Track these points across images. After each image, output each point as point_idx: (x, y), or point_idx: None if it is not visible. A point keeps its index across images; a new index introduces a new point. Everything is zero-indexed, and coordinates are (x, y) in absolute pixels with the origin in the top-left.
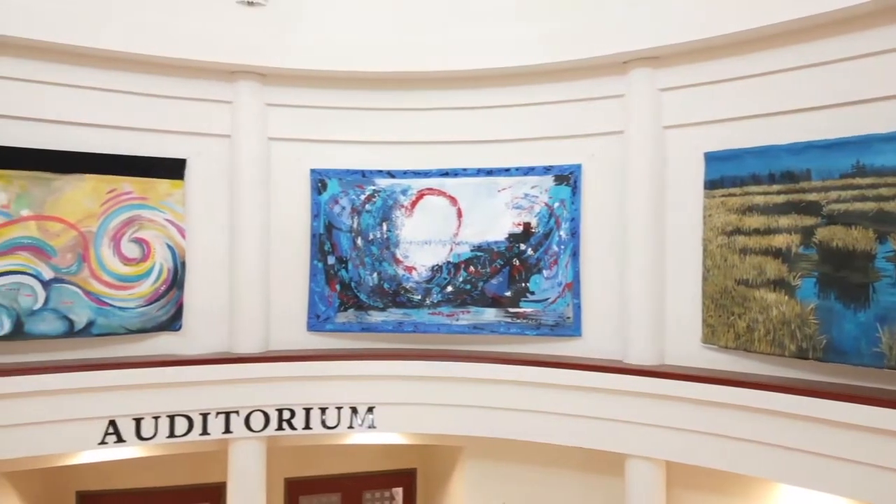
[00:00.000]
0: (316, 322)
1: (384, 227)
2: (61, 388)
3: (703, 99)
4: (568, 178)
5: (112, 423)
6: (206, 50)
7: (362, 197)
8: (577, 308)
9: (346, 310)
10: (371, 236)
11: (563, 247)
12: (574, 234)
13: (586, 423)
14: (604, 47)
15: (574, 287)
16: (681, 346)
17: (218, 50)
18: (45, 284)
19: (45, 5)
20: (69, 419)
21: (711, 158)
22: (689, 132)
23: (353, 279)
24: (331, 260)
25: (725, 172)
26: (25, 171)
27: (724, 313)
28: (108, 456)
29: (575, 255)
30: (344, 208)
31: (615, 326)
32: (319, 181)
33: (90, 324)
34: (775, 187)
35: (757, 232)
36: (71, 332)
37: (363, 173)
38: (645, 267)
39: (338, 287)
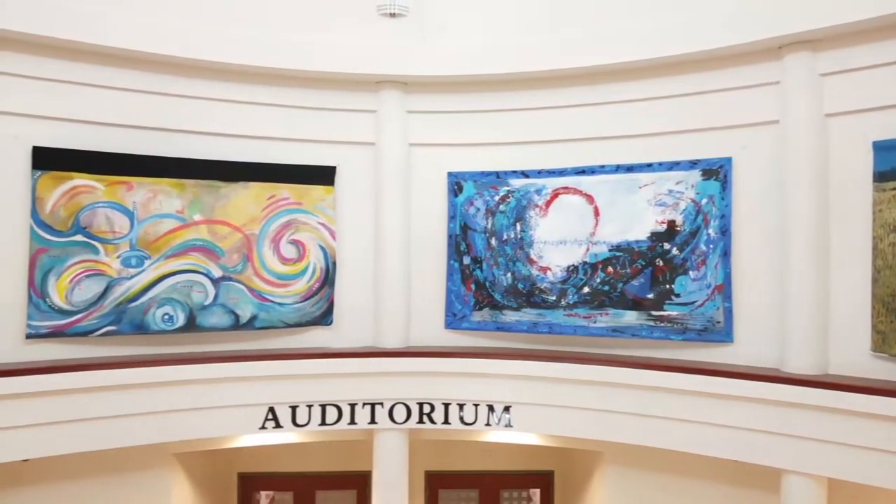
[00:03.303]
0: (453, 320)
1: (518, 228)
2: (228, 377)
3: (871, 83)
4: (717, 172)
5: (271, 409)
6: (355, 63)
7: (496, 198)
8: (729, 312)
9: (481, 309)
10: (505, 236)
11: (712, 246)
12: (724, 232)
13: (738, 435)
14: (755, 32)
15: (725, 289)
16: (847, 355)
17: (365, 62)
18: (215, 282)
19: (217, 30)
20: (234, 405)
21: (881, 148)
22: (854, 120)
23: (487, 279)
24: (466, 260)
25: None
26: (197, 180)
27: None
28: (267, 440)
29: (725, 254)
30: (479, 209)
31: (771, 332)
32: (456, 183)
33: (253, 318)
34: None
35: None
36: (236, 325)
37: (497, 174)
38: (805, 267)
39: (473, 286)
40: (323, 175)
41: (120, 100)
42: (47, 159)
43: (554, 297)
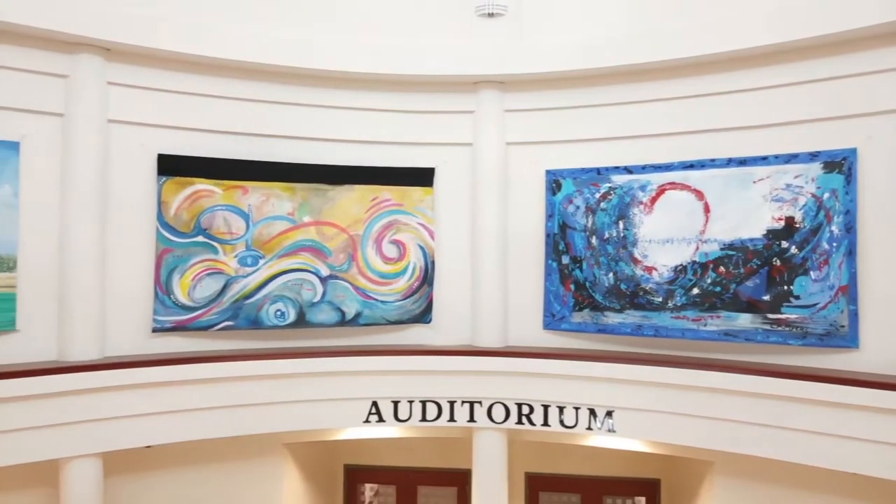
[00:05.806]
0: (551, 320)
1: (620, 226)
2: (335, 371)
3: None
4: (840, 164)
5: (374, 403)
6: (454, 64)
7: (597, 195)
8: (854, 315)
9: (581, 310)
10: (606, 235)
11: (835, 244)
12: (849, 229)
13: (863, 447)
14: (875, 15)
15: (850, 291)
16: None
17: (464, 63)
18: (323, 280)
19: (323, 39)
20: (340, 398)
21: None
22: None
23: (587, 279)
24: (565, 259)
25: None
26: (306, 184)
27: None
28: (370, 434)
29: (850, 253)
30: (578, 207)
31: None
32: (554, 181)
33: (358, 315)
34: None
35: None
36: (342, 321)
37: (598, 171)
38: None
39: (572, 287)
40: (422, 176)
41: (235, 109)
42: (171, 166)
43: (660, 299)
